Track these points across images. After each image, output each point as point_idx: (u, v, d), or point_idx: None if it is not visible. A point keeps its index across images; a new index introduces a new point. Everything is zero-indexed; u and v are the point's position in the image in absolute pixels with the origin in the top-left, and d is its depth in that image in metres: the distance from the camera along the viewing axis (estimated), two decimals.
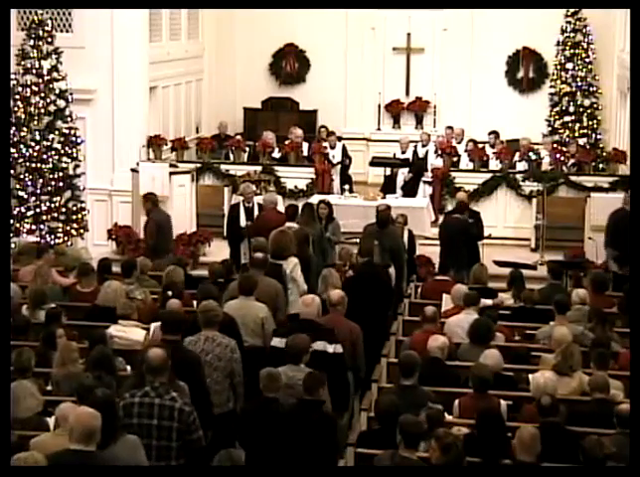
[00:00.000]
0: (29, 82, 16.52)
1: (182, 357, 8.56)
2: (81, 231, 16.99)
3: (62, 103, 16.67)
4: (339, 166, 19.54)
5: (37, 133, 16.50)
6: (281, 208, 17.08)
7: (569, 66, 21.27)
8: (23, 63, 16.59)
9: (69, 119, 16.79)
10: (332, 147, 19.63)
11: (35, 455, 6.65)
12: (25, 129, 16.46)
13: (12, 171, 15.92)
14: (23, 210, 16.47)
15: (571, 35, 21.33)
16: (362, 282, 11.81)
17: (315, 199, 16.58)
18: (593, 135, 21.12)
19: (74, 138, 16.81)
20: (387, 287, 12.17)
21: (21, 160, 16.45)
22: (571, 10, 21.30)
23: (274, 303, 10.76)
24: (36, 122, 16.49)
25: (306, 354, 8.90)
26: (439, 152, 19.07)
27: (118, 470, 6.72)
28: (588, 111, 21.18)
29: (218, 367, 9.13)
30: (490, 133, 20.45)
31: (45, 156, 16.49)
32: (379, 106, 22.68)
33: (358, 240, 13.62)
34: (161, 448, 7.59)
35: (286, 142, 19.39)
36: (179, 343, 8.92)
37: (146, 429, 7.55)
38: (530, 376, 9.12)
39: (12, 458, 6.55)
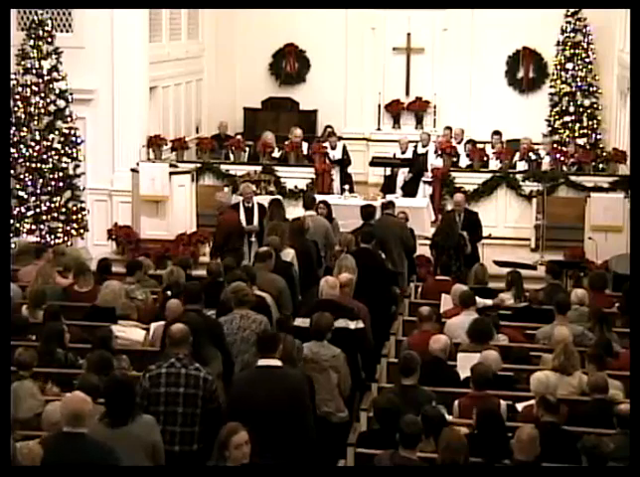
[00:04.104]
0: (29, 82, 16.52)
1: (204, 324, 9.26)
2: (81, 231, 16.99)
3: (62, 103, 16.67)
4: (339, 166, 19.53)
5: (37, 133, 16.50)
6: None
7: (569, 66, 21.27)
8: (23, 63, 16.59)
9: (69, 119, 16.79)
10: (333, 148, 19.62)
11: (30, 444, 6.89)
12: (25, 129, 16.45)
13: (12, 171, 15.92)
14: (23, 210, 16.47)
15: (571, 35, 21.34)
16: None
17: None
18: (593, 135, 21.13)
19: (74, 138, 16.81)
20: (381, 272, 12.55)
21: (21, 160, 16.45)
22: (571, 10, 21.32)
23: (276, 299, 10.99)
24: (36, 122, 16.49)
25: (329, 331, 9.32)
26: (439, 152, 19.07)
27: (103, 453, 6.89)
28: (588, 111, 21.19)
29: (255, 342, 9.45)
30: (494, 133, 20.44)
31: (45, 156, 16.48)
32: (379, 106, 22.69)
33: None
34: (187, 415, 7.96)
35: (286, 142, 19.38)
36: (200, 312, 9.58)
37: (173, 397, 7.94)
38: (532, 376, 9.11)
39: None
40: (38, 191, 16.52)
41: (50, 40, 16.69)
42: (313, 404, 8.40)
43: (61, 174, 16.64)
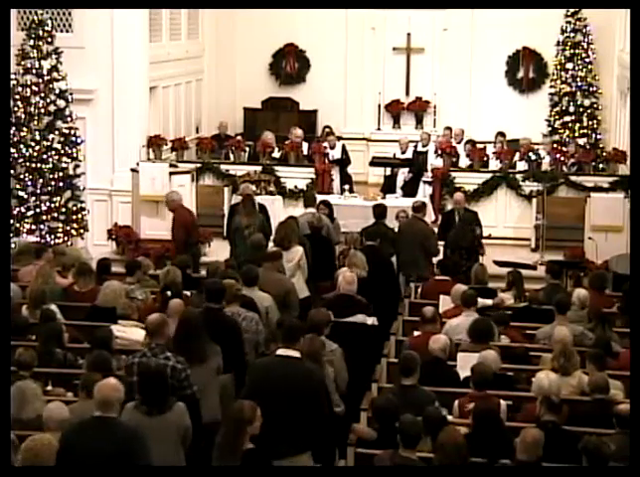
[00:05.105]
0: (29, 82, 16.51)
1: (223, 322, 9.53)
2: (81, 231, 16.98)
3: (62, 103, 16.66)
4: (339, 166, 19.52)
5: (37, 133, 16.49)
6: (282, 209, 17.18)
7: (569, 66, 21.26)
8: (23, 63, 16.58)
9: (69, 119, 16.78)
10: (332, 147, 19.62)
11: (47, 435, 7.10)
12: (25, 129, 16.44)
13: (12, 171, 15.92)
14: (23, 210, 16.47)
15: (571, 35, 21.33)
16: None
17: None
18: (593, 135, 21.12)
19: (74, 138, 16.80)
20: (387, 268, 12.81)
21: (21, 160, 16.44)
22: (571, 10, 21.31)
23: (282, 300, 11.05)
24: (36, 122, 16.48)
25: (326, 326, 9.38)
26: (439, 152, 19.07)
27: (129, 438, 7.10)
28: (588, 111, 21.18)
29: (245, 339, 9.79)
30: (498, 134, 20.40)
31: (45, 156, 16.47)
32: (379, 106, 22.69)
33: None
34: None
35: (286, 142, 19.38)
36: (221, 310, 9.74)
37: None
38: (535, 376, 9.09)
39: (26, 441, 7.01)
40: (38, 191, 16.51)
41: (50, 40, 16.68)
42: (328, 399, 8.49)
43: (61, 174, 16.63)
